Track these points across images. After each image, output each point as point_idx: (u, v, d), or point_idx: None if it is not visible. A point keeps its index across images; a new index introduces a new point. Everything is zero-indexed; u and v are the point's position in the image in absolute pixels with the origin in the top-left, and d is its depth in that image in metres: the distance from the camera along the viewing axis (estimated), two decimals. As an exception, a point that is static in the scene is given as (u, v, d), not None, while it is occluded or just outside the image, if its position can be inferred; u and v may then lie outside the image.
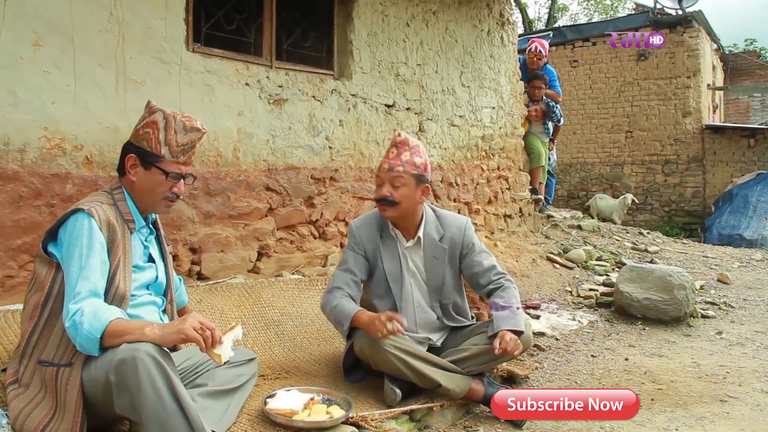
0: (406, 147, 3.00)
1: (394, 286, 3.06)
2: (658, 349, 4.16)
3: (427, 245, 3.10)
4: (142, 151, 2.29)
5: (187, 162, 2.36)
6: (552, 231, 7.53)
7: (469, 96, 6.38)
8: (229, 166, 4.13)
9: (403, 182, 2.94)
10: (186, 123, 2.31)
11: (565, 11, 29.10)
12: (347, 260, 3.07)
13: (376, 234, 3.10)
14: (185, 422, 1.86)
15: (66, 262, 2.10)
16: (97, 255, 2.11)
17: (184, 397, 1.88)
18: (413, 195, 2.99)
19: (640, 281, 4.88)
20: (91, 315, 1.99)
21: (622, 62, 13.43)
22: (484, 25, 6.55)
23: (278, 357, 3.19)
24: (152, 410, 1.85)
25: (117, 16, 3.51)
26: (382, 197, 2.96)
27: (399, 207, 2.96)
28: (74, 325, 1.98)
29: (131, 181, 2.31)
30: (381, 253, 3.08)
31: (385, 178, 2.97)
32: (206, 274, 3.98)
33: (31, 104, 3.22)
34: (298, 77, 4.57)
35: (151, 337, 1.99)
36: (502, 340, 2.77)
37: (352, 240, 3.12)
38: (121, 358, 1.88)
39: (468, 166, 6.43)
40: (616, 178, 13.65)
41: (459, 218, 3.21)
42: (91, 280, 2.07)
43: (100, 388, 1.95)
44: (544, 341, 4.19)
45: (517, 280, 5.38)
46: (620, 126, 13.56)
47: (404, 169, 2.94)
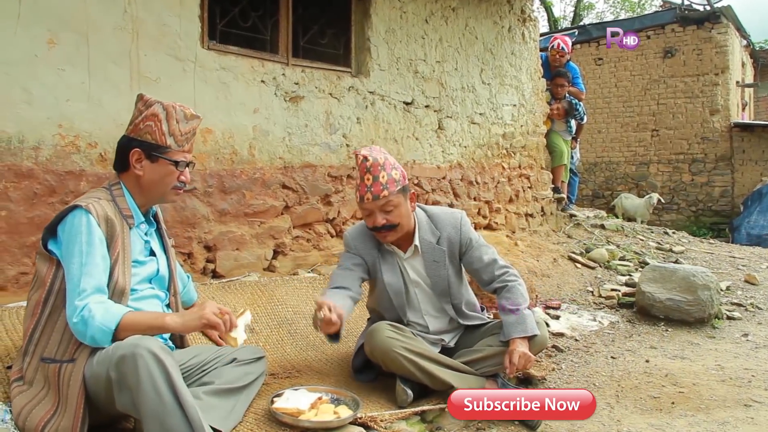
0: (378, 167, 2.82)
1: (396, 299, 2.99)
2: (681, 351, 4.05)
3: (425, 251, 3.00)
4: (147, 144, 2.28)
5: (190, 150, 2.39)
6: (574, 230, 7.41)
7: (490, 93, 6.30)
8: (244, 163, 4.11)
9: (394, 203, 2.83)
10: (185, 111, 2.34)
11: (590, 9, 28.86)
12: (344, 260, 3.01)
13: (373, 246, 3.01)
14: (184, 420, 1.84)
15: (67, 260, 2.09)
16: (97, 251, 2.10)
17: (183, 395, 1.85)
18: (406, 209, 2.90)
19: (663, 281, 4.78)
20: (101, 309, 2.02)
21: (648, 60, 13.25)
22: (504, 21, 6.47)
23: (290, 355, 3.16)
24: (151, 408, 1.83)
25: (131, 13, 3.51)
26: (380, 227, 2.84)
27: (399, 227, 2.88)
28: (83, 320, 1.99)
29: (137, 175, 2.30)
30: (380, 265, 2.99)
31: (373, 207, 2.83)
32: (221, 272, 3.96)
33: (46, 101, 3.23)
34: (314, 74, 4.54)
35: (173, 326, 2.08)
36: (511, 362, 2.70)
37: (347, 249, 3.05)
38: (122, 354, 1.87)
39: (488, 165, 6.36)
40: (641, 177, 13.46)
41: (452, 215, 3.10)
42: (94, 276, 2.07)
43: (102, 384, 1.94)
44: (563, 342, 4.11)
45: (537, 279, 5.33)
46: (646, 124, 13.38)
47: (389, 192, 2.81)
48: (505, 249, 5.76)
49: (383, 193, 2.80)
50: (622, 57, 13.51)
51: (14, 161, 3.15)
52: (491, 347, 2.89)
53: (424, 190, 5.50)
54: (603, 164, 14.00)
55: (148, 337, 1.95)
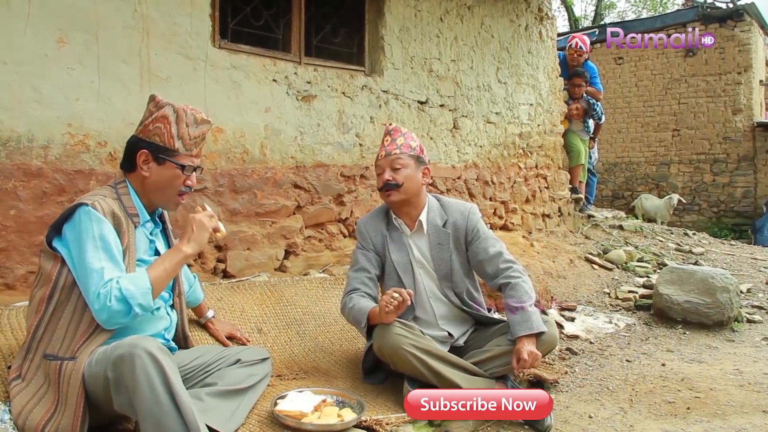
0: (399, 133, 3.05)
1: (404, 277, 3.01)
2: (698, 355, 3.96)
3: (430, 231, 3.05)
4: (155, 146, 2.27)
5: (198, 155, 2.35)
6: (592, 231, 7.32)
7: (506, 92, 6.23)
8: (255, 163, 4.09)
9: (403, 163, 2.96)
10: (196, 116, 2.31)
11: (612, 8, 28.55)
12: (358, 260, 3.05)
13: (382, 226, 3.10)
14: (180, 422, 1.81)
15: (80, 256, 2.07)
16: (111, 239, 2.11)
17: (180, 397, 1.82)
18: (415, 175, 2.99)
19: (681, 283, 4.68)
20: (126, 280, 2.05)
21: (668, 59, 13.07)
22: (521, 20, 6.39)
23: (298, 357, 3.12)
24: (148, 408, 1.81)
25: (141, 12, 3.50)
26: (385, 182, 2.95)
27: (403, 189, 2.95)
28: (122, 299, 2.00)
29: (143, 176, 2.28)
30: (388, 244, 3.05)
31: (385, 164, 2.99)
32: (232, 272, 3.94)
33: (55, 101, 3.23)
34: (327, 73, 4.50)
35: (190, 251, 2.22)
36: (520, 358, 2.67)
37: (360, 238, 3.12)
38: (119, 354, 1.85)
39: (504, 164, 6.29)
40: (662, 177, 13.28)
41: (463, 204, 3.16)
42: (114, 265, 2.07)
43: (100, 384, 1.92)
44: (577, 344, 4.04)
45: (552, 281, 5.25)
46: (667, 124, 13.19)
47: (401, 151, 2.97)
48: (521, 249, 5.69)
49: (395, 151, 2.97)
50: (643, 56, 13.34)
51: (24, 160, 3.15)
52: (500, 347, 2.84)
53: (439, 190, 5.45)
54: (623, 164, 13.83)
55: (146, 337, 1.93)
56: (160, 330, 2.32)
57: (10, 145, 3.11)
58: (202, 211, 2.30)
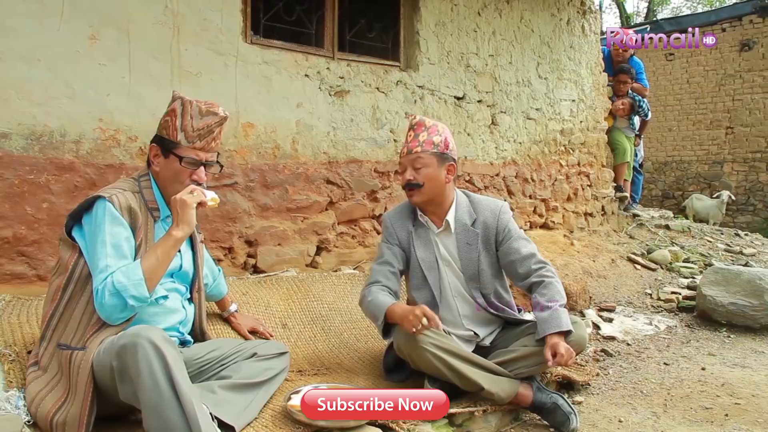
0: (422, 128, 2.90)
1: (429, 275, 2.93)
2: (742, 360, 3.79)
3: (458, 230, 2.95)
4: (162, 139, 2.27)
5: (207, 148, 2.30)
6: (637, 231, 7.10)
7: (547, 88, 6.10)
8: (287, 158, 4.08)
9: (424, 162, 2.84)
10: (202, 107, 2.27)
11: (665, 4, 27.83)
12: (383, 253, 2.97)
13: (408, 222, 3.00)
14: (181, 413, 1.79)
15: (90, 250, 2.10)
16: (122, 236, 2.12)
17: (181, 388, 1.80)
18: (437, 175, 2.86)
19: (726, 284, 4.50)
20: (120, 272, 2.04)
21: (722, 53, 12.63)
22: (563, 14, 6.25)
23: (321, 353, 3.10)
24: (149, 399, 1.80)
25: (172, 8, 3.52)
26: (406, 182, 2.86)
27: (424, 189, 2.85)
28: (114, 292, 2.01)
29: (155, 171, 2.30)
30: (413, 241, 2.96)
31: (406, 162, 2.88)
32: (262, 267, 3.94)
33: (87, 96, 3.27)
34: (360, 68, 4.47)
35: (180, 234, 2.16)
36: (557, 352, 2.56)
37: (385, 232, 3.04)
38: (123, 344, 1.85)
39: (545, 162, 6.16)
40: (714, 177, 12.84)
41: (494, 202, 3.04)
42: (120, 260, 2.08)
43: (107, 374, 1.92)
44: (613, 346, 3.92)
45: (592, 280, 5.12)
46: (720, 122, 12.75)
47: (422, 149, 2.84)
48: (560, 248, 5.56)
49: (416, 149, 2.85)
50: (695, 52, 12.93)
51: (56, 155, 3.20)
52: (526, 347, 2.74)
53: (476, 187, 5.36)
54: (674, 163, 13.44)
55: (151, 327, 1.92)
56: (174, 323, 2.31)
57: (43, 140, 3.16)
58: (187, 189, 2.22)
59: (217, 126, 2.31)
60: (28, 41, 3.09)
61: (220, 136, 2.37)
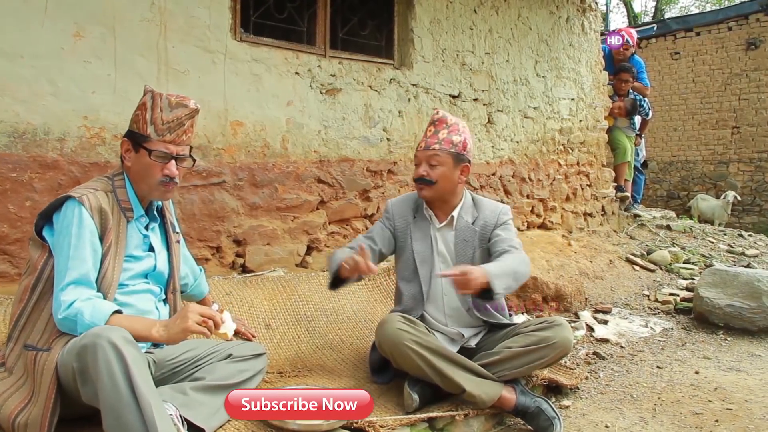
0: (443, 125, 2.89)
1: (421, 268, 2.91)
2: (738, 363, 3.72)
3: (459, 227, 2.93)
4: (132, 134, 2.24)
5: (177, 141, 2.25)
6: (638, 231, 7.03)
7: (545, 87, 6.04)
8: (277, 157, 4.05)
9: (440, 161, 2.83)
10: (172, 100, 2.24)
11: (673, 3, 27.64)
12: (373, 230, 3.01)
13: (410, 213, 3.00)
14: (139, 415, 1.75)
15: (56, 251, 2.08)
16: (87, 243, 2.07)
17: (140, 390, 1.76)
18: (451, 174, 2.86)
19: (724, 286, 4.43)
20: (89, 306, 1.98)
21: (729, 52, 12.49)
22: (562, 11, 6.19)
23: (304, 354, 3.06)
24: (108, 400, 1.76)
25: (159, 5, 3.49)
26: (419, 177, 2.85)
27: (436, 187, 2.85)
28: (71, 319, 1.97)
29: (128, 167, 2.26)
30: (411, 232, 2.95)
31: (422, 157, 2.87)
32: (251, 267, 3.91)
33: (71, 94, 3.24)
34: (353, 66, 4.43)
35: (158, 339, 2.02)
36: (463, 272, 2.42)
37: (385, 214, 3.06)
38: (83, 344, 1.82)
39: (543, 161, 6.10)
40: (720, 177, 12.71)
41: (497, 204, 3.05)
42: (80, 269, 2.05)
43: (70, 375, 1.88)
44: (606, 348, 3.87)
45: (588, 281, 5.06)
46: (726, 121, 12.62)
47: (440, 147, 2.83)
48: (557, 249, 5.49)
49: (434, 146, 2.84)
50: (701, 50, 12.81)
51: (39, 152, 3.17)
52: (510, 349, 2.69)
53: (472, 186, 5.31)
54: (678, 163, 13.32)
55: (113, 327, 1.88)
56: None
57: (27, 138, 3.13)
58: (196, 309, 2.06)
59: (188, 119, 2.27)
60: (10, 38, 3.05)
61: (191, 129, 2.32)
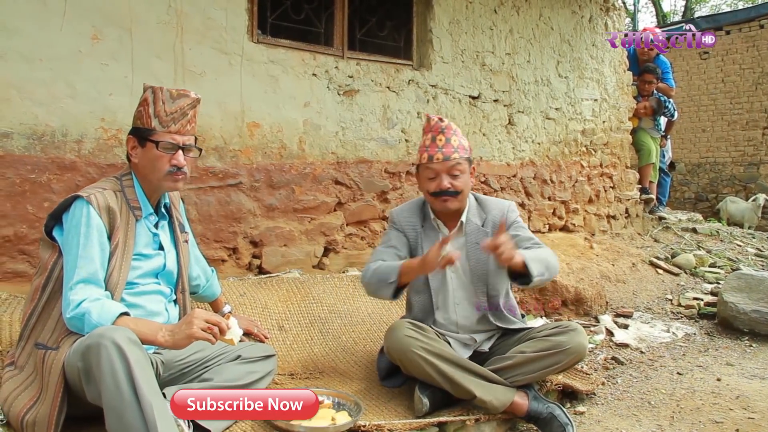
0: (452, 131, 2.80)
1: (432, 279, 2.83)
2: (762, 371, 3.63)
3: (469, 231, 2.87)
4: (137, 129, 2.27)
5: (182, 131, 2.29)
6: (662, 234, 6.91)
7: (567, 87, 5.97)
8: (293, 158, 4.05)
9: (461, 169, 2.76)
10: (173, 92, 2.28)
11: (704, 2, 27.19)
12: (389, 238, 2.91)
13: (417, 222, 2.92)
14: (140, 416, 1.75)
15: (65, 250, 2.12)
16: (95, 242, 2.09)
17: (142, 390, 1.77)
18: (468, 180, 2.82)
19: (749, 291, 4.34)
20: (98, 307, 2.00)
21: (760, 51, 12.23)
22: (584, 11, 6.11)
23: (317, 356, 3.05)
24: (110, 400, 1.78)
25: (175, 7, 3.52)
26: (443, 190, 2.74)
27: (462, 196, 2.79)
28: (79, 318, 1.98)
29: (135, 164, 2.29)
30: (422, 242, 2.87)
31: (441, 168, 2.74)
32: (267, 268, 3.91)
33: (89, 96, 3.28)
34: (370, 67, 4.41)
35: (164, 344, 2.02)
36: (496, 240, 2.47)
37: (392, 225, 2.97)
38: (88, 344, 1.83)
39: (565, 162, 6.03)
40: (750, 179, 12.46)
41: (502, 201, 3.00)
42: (88, 269, 2.07)
43: (76, 374, 1.90)
44: (626, 354, 3.80)
45: (610, 285, 4.98)
46: (756, 122, 12.36)
47: (460, 155, 2.76)
48: (578, 251, 5.43)
49: (454, 155, 2.74)
50: (731, 50, 12.57)
51: (57, 154, 3.21)
52: (523, 354, 2.65)
53: (492, 188, 5.27)
54: (707, 165, 13.09)
55: (117, 327, 1.89)
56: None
57: (45, 140, 3.18)
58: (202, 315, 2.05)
59: (190, 108, 2.30)
60: (30, 41, 3.10)
61: (194, 119, 2.35)
